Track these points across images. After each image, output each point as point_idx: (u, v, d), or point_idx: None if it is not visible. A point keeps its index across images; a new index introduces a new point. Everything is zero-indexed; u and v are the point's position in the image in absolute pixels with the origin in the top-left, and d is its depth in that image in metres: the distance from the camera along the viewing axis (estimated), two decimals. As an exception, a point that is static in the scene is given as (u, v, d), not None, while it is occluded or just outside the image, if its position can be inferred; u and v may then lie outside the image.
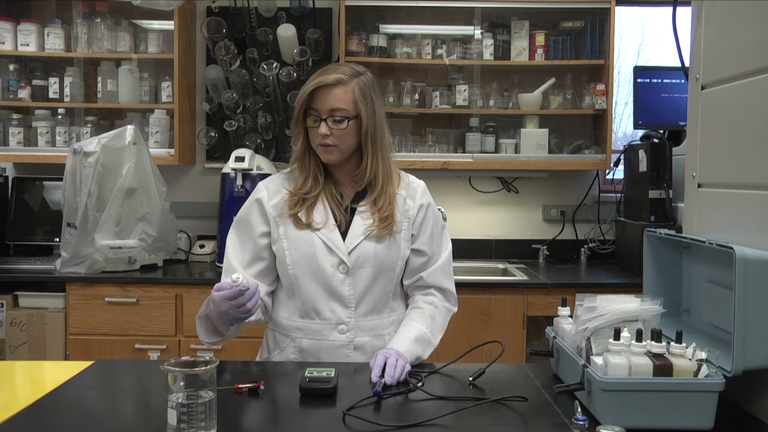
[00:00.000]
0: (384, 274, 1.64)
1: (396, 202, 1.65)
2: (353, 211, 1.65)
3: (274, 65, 3.13)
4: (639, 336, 1.24)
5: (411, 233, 1.68)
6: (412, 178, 1.75)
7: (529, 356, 2.64)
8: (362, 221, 1.63)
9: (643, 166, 3.01)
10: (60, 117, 3.19)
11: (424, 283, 1.70)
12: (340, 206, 1.64)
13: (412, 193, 1.70)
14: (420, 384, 1.42)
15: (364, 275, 1.62)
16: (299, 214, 1.61)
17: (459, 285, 1.80)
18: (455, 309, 1.74)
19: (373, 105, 1.61)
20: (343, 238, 1.61)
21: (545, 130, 3.22)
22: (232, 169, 2.98)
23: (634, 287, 2.72)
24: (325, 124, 1.57)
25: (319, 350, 1.63)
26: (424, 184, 1.74)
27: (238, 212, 1.70)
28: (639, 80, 3.22)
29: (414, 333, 1.61)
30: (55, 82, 3.19)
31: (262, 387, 1.37)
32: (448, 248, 1.74)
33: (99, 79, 3.20)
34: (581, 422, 1.13)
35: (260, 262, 1.66)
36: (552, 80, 3.24)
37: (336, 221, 1.62)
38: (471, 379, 1.44)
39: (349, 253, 1.60)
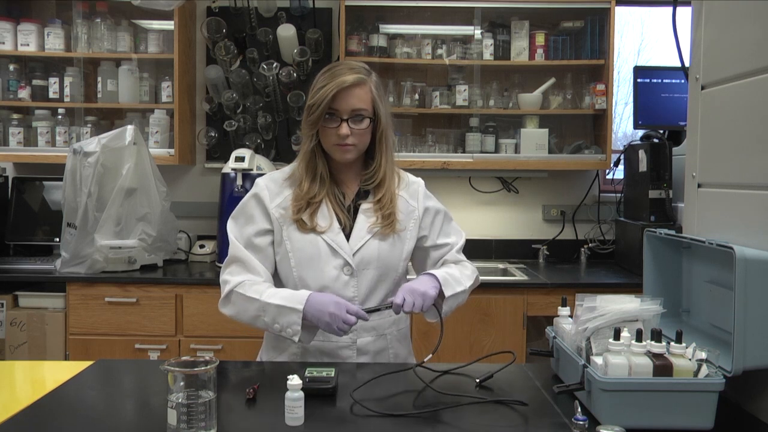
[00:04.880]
0: (387, 274, 1.64)
1: (397, 202, 1.65)
2: (356, 210, 1.65)
3: (274, 65, 3.13)
4: (639, 336, 1.24)
5: (422, 234, 1.70)
6: (410, 177, 1.75)
7: (529, 356, 2.64)
8: (366, 219, 1.63)
9: (643, 166, 3.01)
10: (60, 117, 3.19)
11: (449, 262, 1.71)
12: (342, 207, 1.64)
13: (413, 194, 1.71)
14: (391, 305, 1.48)
15: (368, 276, 1.62)
16: (303, 219, 1.60)
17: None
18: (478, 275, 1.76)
19: (385, 103, 1.63)
20: (347, 239, 1.61)
21: (545, 130, 3.22)
22: (232, 169, 2.98)
23: (634, 287, 2.72)
24: (346, 125, 1.56)
25: (322, 351, 1.63)
26: (423, 182, 1.75)
27: (236, 208, 1.66)
28: (639, 80, 3.22)
29: (446, 269, 1.64)
30: (55, 82, 3.19)
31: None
32: (461, 232, 1.77)
33: (99, 79, 3.20)
34: (581, 422, 1.13)
35: (258, 252, 1.63)
36: (552, 80, 3.24)
37: (341, 224, 1.62)
38: (478, 381, 1.45)
39: (354, 255, 1.60)
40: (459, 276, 1.64)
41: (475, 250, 3.40)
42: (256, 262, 1.60)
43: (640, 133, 3.20)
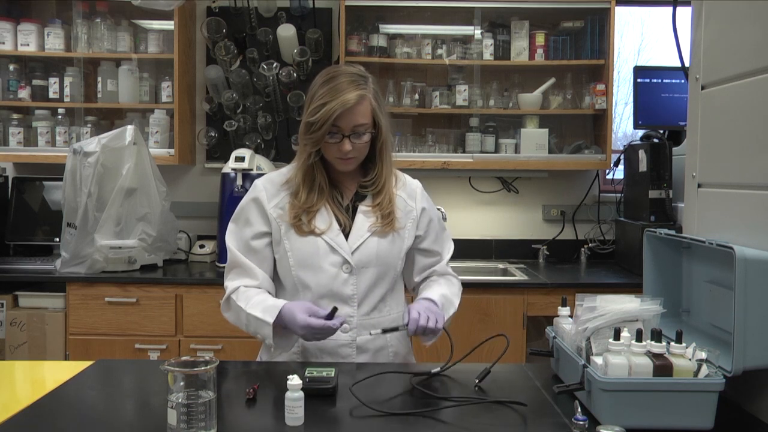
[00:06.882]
0: (386, 273, 1.65)
1: (395, 201, 1.67)
2: (354, 210, 1.65)
3: (274, 65, 3.13)
4: (639, 336, 1.24)
5: (418, 234, 1.71)
6: (408, 178, 1.76)
7: (529, 356, 2.64)
8: (365, 219, 1.64)
9: (643, 166, 3.01)
10: (60, 117, 3.19)
11: (438, 274, 1.76)
12: (341, 208, 1.65)
13: (411, 194, 1.72)
14: (406, 324, 1.51)
15: (367, 274, 1.63)
16: (302, 224, 1.60)
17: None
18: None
19: (384, 110, 1.64)
20: (346, 238, 1.62)
21: (545, 130, 3.22)
22: (232, 169, 2.98)
23: (634, 287, 2.71)
24: (348, 141, 1.56)
25: (322, 350, 1.63)
26: (420, 184, 1.76)
27: (236, 211, 1.68)
28: (639, 80, 3.22)
29: (439, 291, 1.67)
30: (55, 82, 3.19)
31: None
32: (451, 243, 1.82)
33: (99, 79, 3.20)
34: (581, 422, 1.13)
35: (256, 255, 1.65)
36: (552, 80, 3.24)
37: (340, 225, 1.62)
38: (477, 381, 1.45)
39: (353, 253, 1.61)
40: (450, 296, 1.70)
41: (475, 250, 3.42)
42: (253, 266, 1.63)
43: (640, 133, 3.20)
